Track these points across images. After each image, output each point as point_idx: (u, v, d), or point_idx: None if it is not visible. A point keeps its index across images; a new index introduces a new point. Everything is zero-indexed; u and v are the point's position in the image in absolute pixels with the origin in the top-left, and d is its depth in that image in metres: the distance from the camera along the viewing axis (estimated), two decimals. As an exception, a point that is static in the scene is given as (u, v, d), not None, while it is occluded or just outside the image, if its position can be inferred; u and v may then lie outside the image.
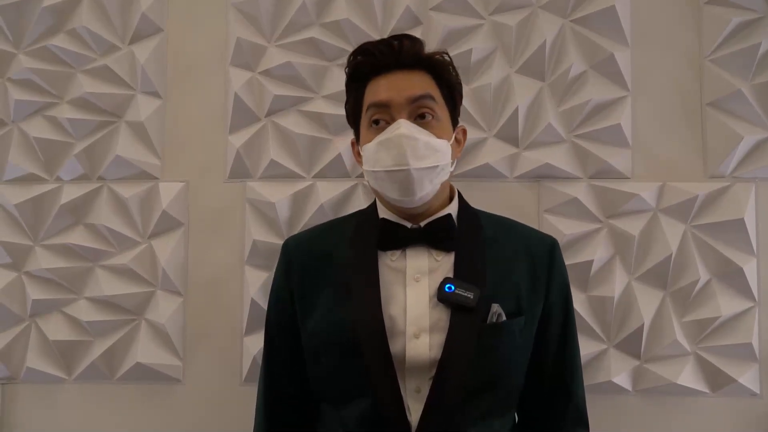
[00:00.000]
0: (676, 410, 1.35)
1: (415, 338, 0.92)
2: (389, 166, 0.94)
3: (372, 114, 0.97)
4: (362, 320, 0.93)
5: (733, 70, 1.37)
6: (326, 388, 1.00)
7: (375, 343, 0.92)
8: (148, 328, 1.43)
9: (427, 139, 0.95)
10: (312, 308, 1.00)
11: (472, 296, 0.93)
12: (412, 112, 0.96)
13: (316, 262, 1.02)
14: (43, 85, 1.46)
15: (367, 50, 1.00)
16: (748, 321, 1.33)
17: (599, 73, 1.39)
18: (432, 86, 0.99)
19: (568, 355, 1.03)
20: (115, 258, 1.44)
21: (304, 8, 1.42)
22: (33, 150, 1.46)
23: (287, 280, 1.04)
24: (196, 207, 1.45)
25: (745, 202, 1.34)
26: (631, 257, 1.36)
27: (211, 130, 1.46)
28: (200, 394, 1.43)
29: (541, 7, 1.40)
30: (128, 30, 1.47)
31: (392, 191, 0.96)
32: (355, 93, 1.02)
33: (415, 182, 0.94)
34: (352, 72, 1.02)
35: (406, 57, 0.98)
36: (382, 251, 0.99)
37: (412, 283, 0.96)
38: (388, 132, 0.94)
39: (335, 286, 0.99)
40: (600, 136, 1.39)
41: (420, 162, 0.93)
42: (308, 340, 1.00)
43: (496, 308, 0.94)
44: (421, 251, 0.98)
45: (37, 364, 1.43)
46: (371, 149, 0.96)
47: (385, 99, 0.96)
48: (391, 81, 0.97)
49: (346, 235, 1.03)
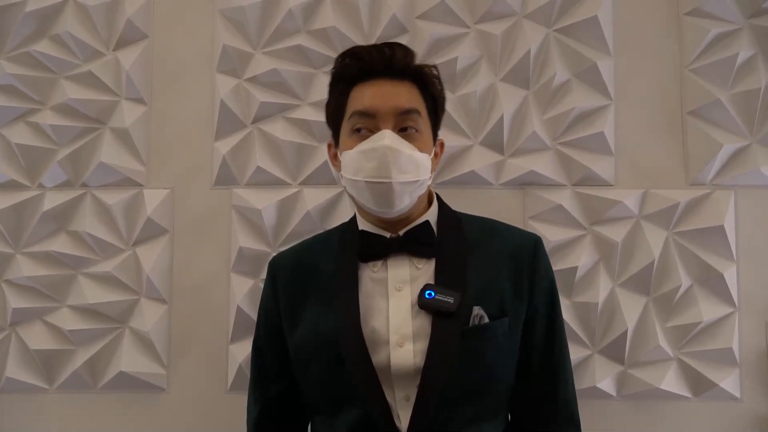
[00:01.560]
0: (659, 415, 1.37)
1: (399, 347, 0.92)
2: (371, 177, 0.92)
3: (355, 122, 0.95)
4: (343, 333, 0.93)
5: (712, 79, 1.40)
6: (316, 400, 0.99)
7: (357, 354, 0.91)
8: (132, 336, 1.42)
9: (411, 152, 0.93)
10: (298, 322, 0.99)
11: (452, 300, 0.92)
12: (397, 124, 0.94)
13: (302, 277, 1.02)
14: (25, 90, 1.44)
15: (357, 54, 0.98)
16: (729, 326, 1.35)
17: (583, 81, 1.41)
18: (418, 99, 0.97)
19: (555, 355, 1.01)
20: (98, 265, 1.42)
21: (290, 15, 1.42)
22: (15, 156, 1.44)
23: (274, 297, 1.04)
24: (182, 214, 1.44)
25: (725, 209, 1.37)
26: (614, 263, 1.38)
27: (197, 136, 1.45)
28: (185, 402, 1.41)
29: (525, 17, 1.42)
30: (113, 36, 1.46)
31: (370, 202, 0.95)
32: (338, 96, 0.99)
33: (396, 195, 0.93)
34: (339, 74, 0.99)
35: (396, 66, 0.96)
36: (364, 263, 0.98)
37: (395, 293, 0.95)
38: (372, 141, 0.93)
39: (320, 299, 0.98)
40: (584, 143, 1.40)
41: (402, 176, 0.92)
42: (296, 353, 1.00)
43: (477, 311, 0.93)
44: (402, 260, 0.97)
45: (18, 374, 1.41)
46: (353, 157, 0.94)
47: (370, 108, 0.94)
48: (377, 89, 0.95)
49: (331, 248, 1.03)
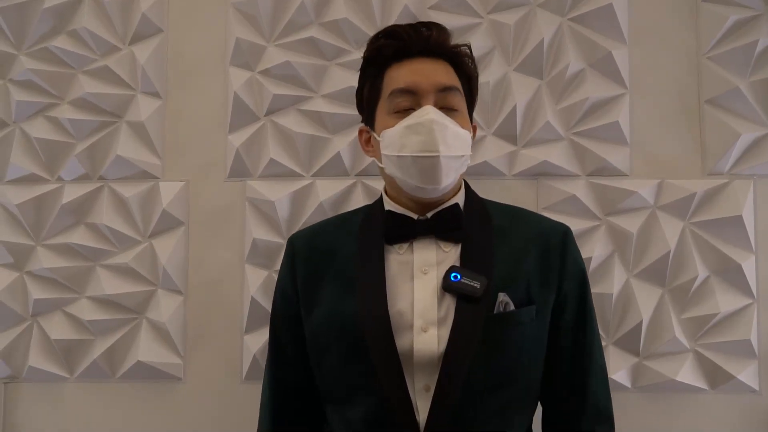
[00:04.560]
0: (675, 407, 1.35)
1: (423, 332, 0.89)
2: (418, 152, 0.90)
3: (395, 100, 0.94)
4: (367, 315, 0.90)
5: (730, 67, 1.37)
6: (331, 387, 0.97)
7: (380, 339, 0.88)
8: (149, 327, 1.44)
9: (456, 128, 0.93)
10: (316, 304, 0.97)
11: (478, 285, 0.89)
12: (438, 101, 0.93)
13: (321, 257, 0.99)
14: (44, 85, 1.47)
15: (394, 33, 0.96)
16: (747, 318, 1.33)
17: (597, 71, 1.39)
18: (455, 78, 0.96)
19: (586, 345, 0.96)
20: (116, 257, 1.45)
21: (303, 8, 1.43)
22: (34, 150, 1.47)
23: (291, 276, 1.01)
24: (197, 206, 1.46)
25: (744, 198, 1.34)
26: (629, 254, 1.37)
27: (211, 129, 1.46)
28: (201, 392, 1.43)
29: (539, 6, 1.41)
30: (129, 31, 1.47)
31: (416, 177, 0.92)
32: (373, 79, 0.98)
33: (443, 170, 0.91)
34: (373, 55, 0.98)
35: (433, 45, 0.95)
36: (389, 245, 0.96)
37: (420, 276, 0.93)
38: (417, 116, 0.91)
39: (340, 280, 0.96)
40: (598, 133, 1.39)
41: (449, 150, 0.91)
42: (312, 337, 0.97)
43: (502, 297, 0.90)
44: (429, 243, 0.95)
45: (39, 363, 1.44)
46: (396, 133, 0.92)
47: (412, 84, 0.93)
48: (416, 67, 0.94)
49: (353, 229, 1.00)
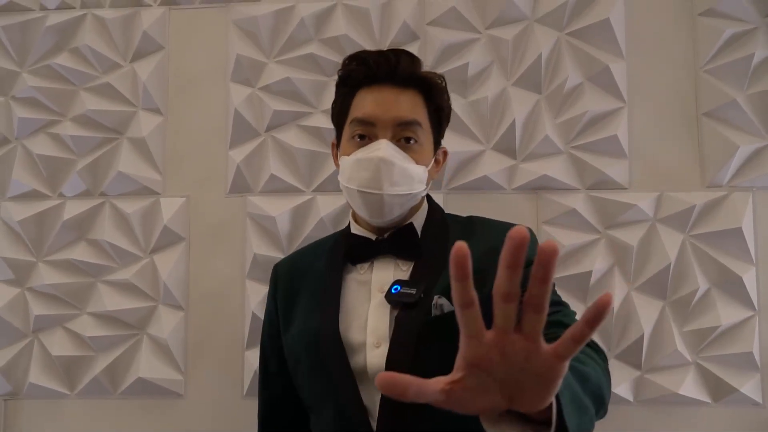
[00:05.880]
0: (678, 420, 1.34)
1: (376, 348, 0.91)
2: (363, 187, 0.93)
3: (355, 128, 0.96)
4: (323, 334, 0.94)
5: (728, 80, 1.38)
6: (305, 398, 1.01)
7: (335, 357, 0.92)
8: (149, 343, 1.44)
9: (405, 165, 0.93)
10: (291, 321, 1.02)
11: (414, 292, 0.90)
12: (396, 134, 0.95)
13: (297, 278, 1.05)
14: (46, 102, 1.48)
15: (362, 59, 0.97)
16: (749, 330, 1.33)
17: (595, 84, 1.40)
18: (420, 109, 0.97)
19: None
20: (117, 273, 1.45)
21: (302, 25, 1.44)
22: (36, 167, 1.48)
23: (274, 300, 1.07)
24: (197, 222, 1.47)
25: (743, 210, 1.34)
26: (630, 267, 1.36)
27: (212, 145, 1.47)
28: (202, 407, 1.43)
29: (536, 21, 1.42)
30: (130, 48, 1.49)
31: (362, 210, 0.97)
32: (343, 99, 1.00)
33: (386, 206, 0.94)
34: (344, 77, 1.00)
35: (401, 73, 0.95)
36: (352, 264, 1.00)
37: (377, 294, 0.95)
38: (368, 150, 0.93)
39: (309, 299, 1.00)
40: (597, 147, 1.39)
41: (393, 188, 0.93)
42: (288, 351, 1.01)
43: (437, 300, 0.90)
44: (388, 262, 0.98)
45: (40, 380, 1.44)
46: (349, 164, 0.95)
47: (370, 116, 0.94)
48: (379, 97, 0.95)
49: (325, 251, 1.05)
